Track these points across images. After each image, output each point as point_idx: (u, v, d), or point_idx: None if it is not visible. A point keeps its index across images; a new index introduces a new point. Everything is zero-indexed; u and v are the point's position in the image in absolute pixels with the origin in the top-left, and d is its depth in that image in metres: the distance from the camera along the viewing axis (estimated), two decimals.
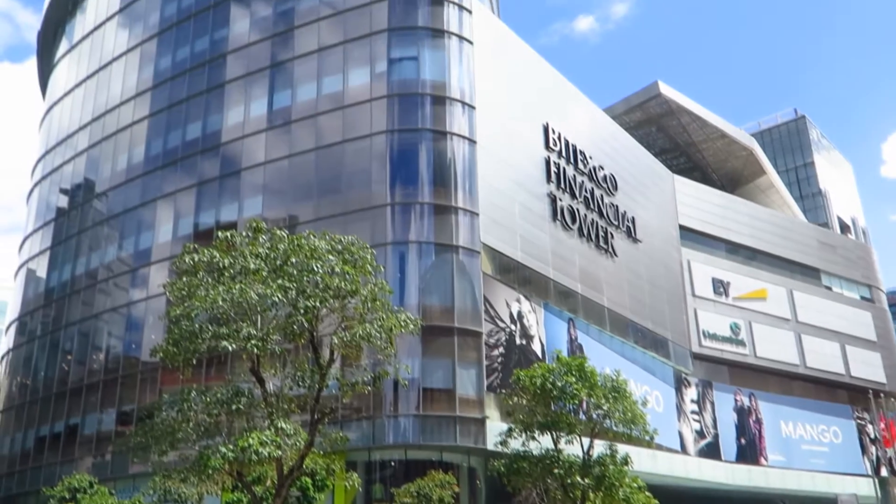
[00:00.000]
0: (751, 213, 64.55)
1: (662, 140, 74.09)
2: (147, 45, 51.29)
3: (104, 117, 51.82)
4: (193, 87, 46.87)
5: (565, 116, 48.92)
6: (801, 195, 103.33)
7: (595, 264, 47.08)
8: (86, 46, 56.63)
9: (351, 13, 42.74)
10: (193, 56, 47.90)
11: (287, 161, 41.36)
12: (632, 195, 52.83)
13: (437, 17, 41.74)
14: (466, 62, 41.57)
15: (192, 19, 49.04)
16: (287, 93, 43.22)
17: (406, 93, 40.01)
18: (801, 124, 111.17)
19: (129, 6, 53.80)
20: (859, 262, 70.84)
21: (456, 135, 39.42)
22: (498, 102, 42.84)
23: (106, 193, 49.62)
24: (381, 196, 37.97)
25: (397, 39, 41.49)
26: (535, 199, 43.59)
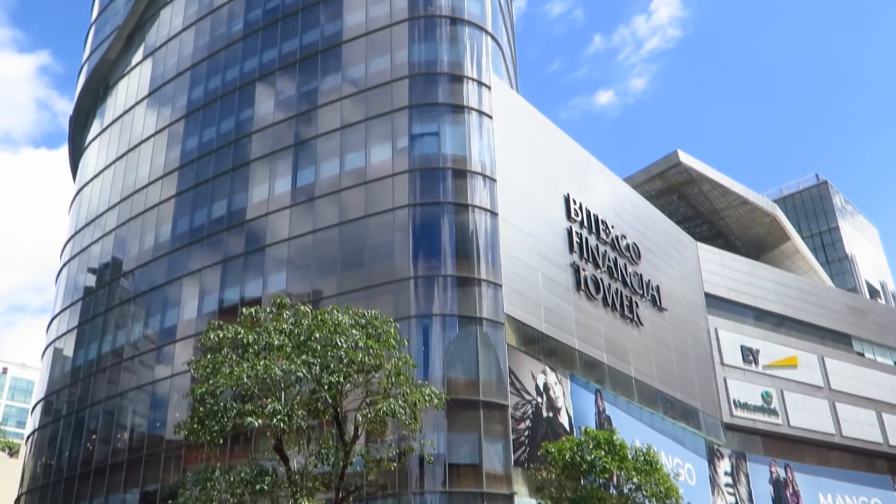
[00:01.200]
0: (777, 279, 63.89)
1: (684, 208, 74.12)
2: (175, 126, 52.65)
3: (132, 197, 52.91)
4: (219, 167, 47.85)
5: (586, 187, 49.21)
6: (828, 260, 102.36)
7: (621, 334, 46.59)
8: (115, 129, 58.26)
9: (373, 91, 43.74)
10: (220, 136, 49.06)
11: (311, 236, 41.79)
12: (656, 263, 52.60)
13: (456, 94, 42.59)
14: (487, 136, 42.18)
15: (219, 101, 50.39)
16: (311, 169, 43.96)
17: (428, 167, 40.55)
18: (823, 189, 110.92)
19: (158, 90, 55.48)
20: (891, 327, 69.51)
21: (478, 207, 39.72)
22: (519, 174, 43.25)
23: (133, 272, 50.25)
24: (404, 269, 38.11)
25: (418, 116, 42.30)
26: (559, 270, 43.51)
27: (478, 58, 44.39)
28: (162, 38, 57.51)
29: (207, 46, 53.33)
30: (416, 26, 44.96)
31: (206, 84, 52.01)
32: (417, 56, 44.02)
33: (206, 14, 54.74)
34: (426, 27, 44.90)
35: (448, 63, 43.61)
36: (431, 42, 44.42)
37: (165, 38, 57.19)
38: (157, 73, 56.55)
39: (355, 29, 46.46)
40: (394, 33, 45.09)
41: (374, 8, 46.59)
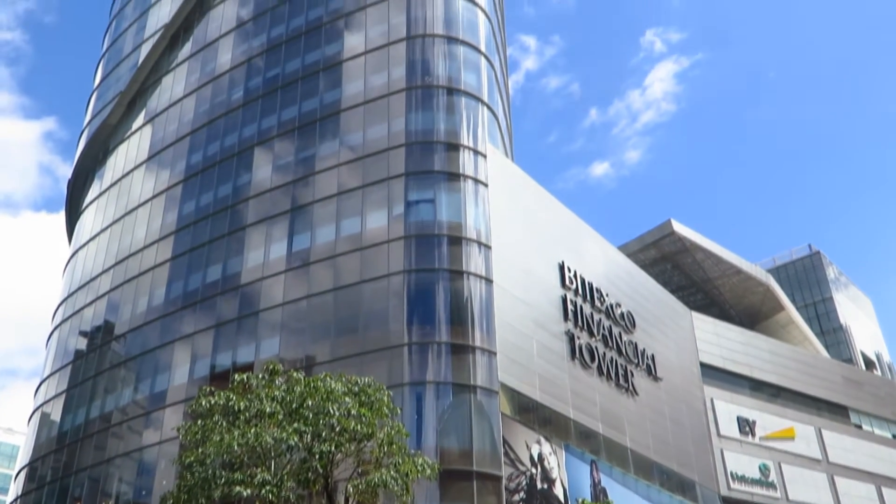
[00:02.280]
0: (772, 349, 63.68)
1: (679, 277, 74.32)
2: (172, 190, 52.98)
3: (127, 260, 52.88)
4: (216, 231, 47.98)
5: (580, 254, 49.40)
6: (822, 331, 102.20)
7: (616, 403, 46.14)
8: (113, 193, 58.60)
9: (370, 158, 44.23)
10: (217, 201, 49.34)
11: (305, 302, 41.67)
12: (650, 332, 52.45)
13: (452, 162, 43.09)
14: (482, 203, 42.51)
15: (217, 166, 50.85)
16: (307, 235, 44.11)
17: (423, 234, 40.73)
18: (816, 260, 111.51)
19: (158, 154, 56.03)
20: (888, 398, 69.03)
21: (472, 274, 39.76)
22: (513, 242, 43.44)
23: (124, 335, 49.88)
24: (398, 336, 37.91)
25: (414, 182, 42.68)
26: (554, 338, 43.34)
27: (474, 127, 45.07)
28: (163, 104, 58.36)
29: (208, 113, 54.09)
30: (413, 96, 45.76)
31: (205, 149, 52.57)
32: (414, 124, 44.67)
33: (207, 81, 55.69)
34: (423, 97, 45.70)
35: (445, 132, 44.25)
36: (428, 111, 45.15)
37: (167, 104, 58.03)
38: (156, 137, 57.22)
39: (354, 98, 47.26)
40: (391, 102, 45.85)
41: (372, 78, 47.48)
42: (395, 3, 49.74)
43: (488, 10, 52.28)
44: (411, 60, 47.06)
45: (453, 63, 47.11)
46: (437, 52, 47.40)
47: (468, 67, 47.36)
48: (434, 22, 48.46)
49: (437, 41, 47.77)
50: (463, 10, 49.86)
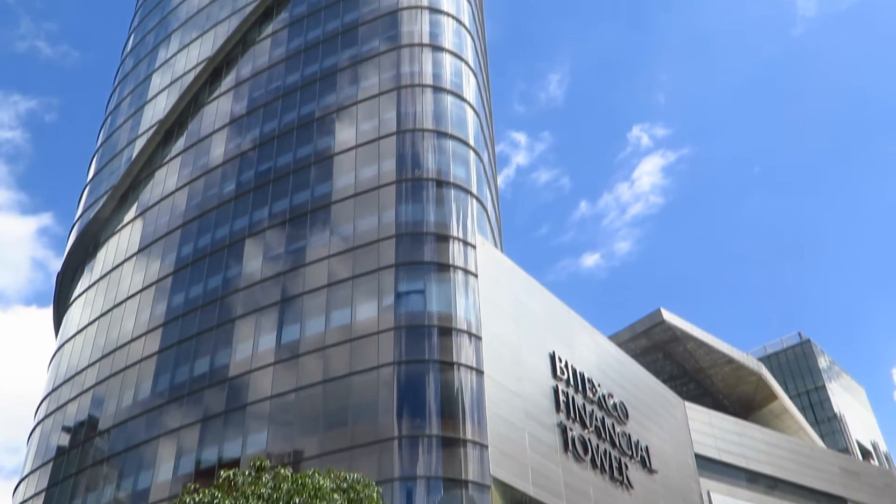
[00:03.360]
0: (767, 439, 62.86)
1: (671, 367, 73.96)
2: (162, 283, 52.92)
3: (114, 354, 52.31)
4: (204, 323, 47.70)
5: (572, 345, 49.22)
6: (817, 420, 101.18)
7: (611, 497, 45.10)
8: (102, 286, 58.46)
9: (360, 249, 44.49)
10: (206, 293, 49.25)
11: (294, 394, 41.10)
12: (644, 423, 51.78)
13: (442, 253, 43.38)
14: (472, 294, 42.58)
15: (208, 258, 50.98)
16: (296, 326, 43.89)
17: (413, 325, 40.61)
18: (807, 348, 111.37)
19: (148, 247, 56.20)
20: (886, 489, 67.81)
21: (463, 365, 39.46)
22: (504, 332, 43.32)
23: (108, 431, 48.84)
24: (388, 429, 37.28)
25: (405, 273, 42.83)
26: (546, 430, 42.69)
27: (463, 219, 45.59)
28: (155, 198, 58.92)
29: (199, 205, 54.59)
30: (403, 188, 46.43)
31: (196, 242, 52.80)
32: (404, 216, 45.16)
33: (199, 175, 56.44)
34: (413, 189, 46.37)
35: (434, 223, 44.71)
36: (418, 203, 45.73)
37: (159, 197, 58.61)
38: (147, 230, 57.52)
39: (344, 190, 47.90)
40: (382, 195, 46.47)
41: (363, 171, 48.27)
42: (386, 98, 51.05)
43: (476, 105, 53.70)
44: (401, 154, 47.97)
45: (442, 156, 48.05)
46: (427, 145, 48.38)
47: (457, 161, 48.27)
48: (424, 117, 49.65)
49: (426, 135, 48.83)
50: (452, 105, 51.18)
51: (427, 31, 54.74)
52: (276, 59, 58.92)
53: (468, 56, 55.73)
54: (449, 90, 51.80)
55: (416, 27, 54.81)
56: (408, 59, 52.89)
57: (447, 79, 52.53)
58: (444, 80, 52.30)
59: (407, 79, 51.70)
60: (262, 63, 59.63)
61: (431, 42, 54.10)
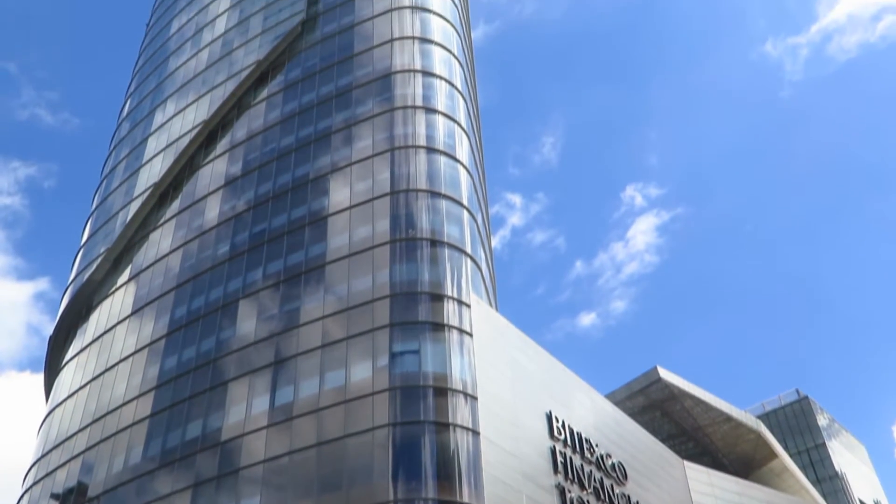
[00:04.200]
0: (770, 499, 61.91)
1: (668, 425, 73.23)
2: (155, 345, 52.53)
3: (105, 418, 51.58)
4: (197, 386, 47.21)
5: (568, 404, 48.77)
6: (818, 478, 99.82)
7: None
8: (94, 349, 57.98)
9: (354, 310, 44.34)
10: (199, 355, 48.87)
11: (287, 458, 40.45)
12: (643, 484, 50.99)
13: (437, 312, 43.26)
14: (467, 354, 42.34)
15: (201, 320, 50.73)
16: (290, 389, 43.44)
17: (408, 385, 40.24)
18: (805, 405, 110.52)
19: (141, 310, 55.94)
20: None
21: (459, 426, 38.99)
22: (500, 392, 42.94)
23: (98, 498, 47.82)
24: (383, 492, 36.61)
25: (399, 333, 42.62)
26: (544, 492, 41.99)
27: (458, 278, 45.62)
28: (149, 260, 58.91)
29: (193, 267, 54.56)
30: (397, 248, 46.55)
31: (190, 304, 52.60)
32: (399, 276, 45.17)
33: (194, 237, 56.56)
34: (407, 249, 46.49)
35: (429, 283, 44.71)
36: (412, 263, 45.81)
37: (153, 259, 58.61)
38: (141, 293, 57.34)
39: (339, 250, 47.98)
40: (376, 255, 46.55)
41: (357, 231, 48.44)
42: (380, 159, 51.58)
43: (469, 165, 54.27)
44: (395, 214, 48.24)
45: (436, 216, 48.32)
46: (421, 205, 48.70)
47: (451, 220, 48.54)
48: (417, 177, 50.09)
49: (420, 195, 49.20)
50: (445, 166, 51.71)
51: (420, 93, 55.64)
52: (272, 121, 59.69)
53: (461, 118, 56.55)
54: (442, 151, 52.40)
55: (409, 90, 55.72)
56: (401, 121, 53.63)
57: (440, 140, 53.19)
58: (438, 142, 52.95)
59: (401, 140, 52.33)
60: (257, 126, 60.37)
61: (425, 104, 54.93)
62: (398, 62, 57.66)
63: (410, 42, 59.27)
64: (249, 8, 72.11)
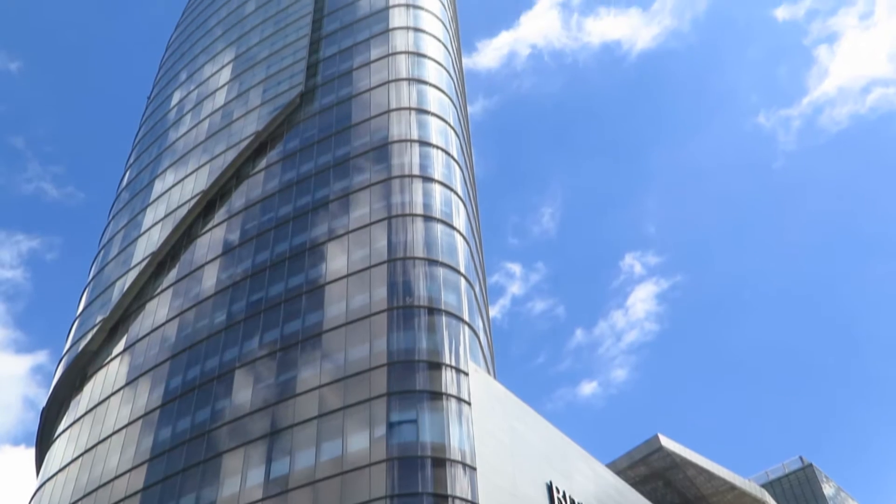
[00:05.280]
0: None
1: (671, 495, 71.83)
2: (149, 416, 51.82)
3: (96, 492, 50.49)
4: (191, 458, 46.38)
5: (570, 475, 47.91)
6: None
7: None
8: (87, 421, 57.16)
9: (351, 379, 43.90)
10: (194, 427, 48.16)
11: None
12: None
13: (435, 381, 42.83)
14: (465, 424, 41.77)
15: (197, 390, 50.17)
16: (286, 460, 42.69)
17: (406, 456, 39.56)
18: (809, 473, 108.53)
19: (135, 380, 55.39)
20: None
21: (458, 498, 38.20)
22: (499, 463, 42.20)
23: None
24: None
25: (397, 403, 42.11)
26: None
27: (455, 346, 45.33)
28: (145, 330, 58.59)
29: (189, 337, 54.23)
30: (394, 316, 46.37)
31: (185, 374, 52.12)
32: (396, 344, 44.87)
33: (190, 306, 56.38)
34: (405, 316, 46.31)
35: (426, 351, 44.40)
36: (410, 331, 45.57)
37: (149, 329, 58.29)
38: (136, 363, 56.86)
39: (336, 319, 47.78)
40: (373, 323, 46.35)
41: (354, 299, 48.34)
42: (377, 228, 51.83)
43: (466, 234, 54.53)
44: (392, 282, 48.21)
45: (433, 284, 48.30)
46: (418, 273, 48.72)
47: (448, 288, 48.51)
48: (415, 245, 50.26)
49: (417, 263, 49.27)
50: (442, 234, 51.94)
51: (417, 162, 56.29)
52: (270, 191, 60.20)
53: (457, 186, 57.09)
54: (439, 219, 52.72)
55: (406, 159, 56.38)
56: (399, 189, 54.10)
57: (437, 208, 53.57)
58: (435, 210, 53.32)
59: (398, 208, 52.69)
60: (255, 195, 60.85)
61: (421, 173, 55.51)
62: (395, 132, 58.51)
63: (407, 113, 60.25)
64: (249, 80, 73.55)
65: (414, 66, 65.05)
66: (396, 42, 67.34)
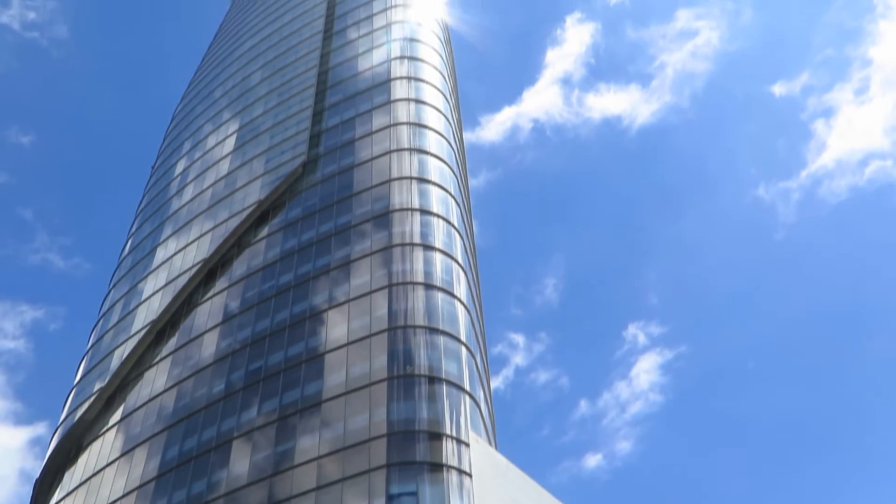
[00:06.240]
0: None
1: None
2: (144, 488, 50.72)
3: None
4: None
5: None
6: None
7: None
8: (80, 493, 55.93)
9: (350, 449, 43.15)
10: (190, 499, 47.06)
11: None
12: None
13: (435, 452, 42.09)
14: (467, 496, 40.86)
15: (193, 461, 49.27)
16: None
17: None
18: None
19: (131, 451, 54.42)
20: None
21: None
22: None
23: None
24: None
25: (396, 474, 41.30)
26: None
27: (456, 416, 44.71)
28: (143, 399, 57.90)
29: (187, 406, 53.54)
30: (394, 385, 45.87)
31: (182, 444, 51.25)
32: (396, 414, 44.27)
33: (189, 375, 55.84)
34: (405, 386, 45.82)
35: (427, 421, 43.77)
36: (410, 400, 45.03)
37: (146, 398, 57.62)
38: (132, 433, 55.99)
39: (335, 388, 47.27)
40: (373, 392, 45.82)
41: (354, 368, 47.92)
42: (378, 296, 51.73)
43: (467, 302, 54.40)
44: (393, 350, 47.87)
45: (434, 352, 47.94)
46: (419, 341, 48.42)
47: (449, 357, 48.13)
48: (415, 313, 50.08)
49: (418, 331, 49.01)
50: (443, 302, 51.81)
51: (418, 231, 56.56)
52: (271, 259, 60.34)
53: (458, 254, 57.23)
54: (440, 287, 52.66)
55: (407, 227, 56.67)
56: (399, 258, 54.21)
57: (438, 276, 53.58)
58: (435, 278, 53.32)
59: (399, 276, 52.70)
60: (256, 263, 60.97)
61: (422, 241, 55.71)
62: (397, 200, 58.96)
63: (409, 182, 60.85)
64: (253, 150, 74.57)
65: (415, 136, 66.01)
66: (398, 113, 68.48)
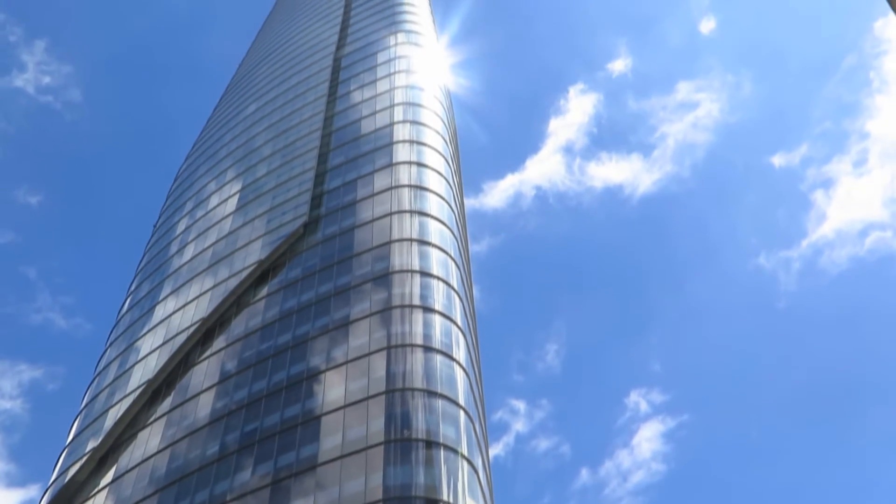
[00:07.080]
0: None
1: None
2: None
3: None
4: None
5: None
6: None
7: None
8: None
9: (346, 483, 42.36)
10: None
11: None
12: None
13: None
14: None
15: None
16: None
17: None
18: None
19: None
20: None
21: None
22: None
23: None
24: None
25: None
26: None
27: (454, 481, 43.96)
28: (135, 460, 56.97)
29: (181, 468, 52.65)
30: (391, 449, 45.22)
31: None
32: (393, 479, 43.55)
33: (183, 436, 55.06)
34: (402, 450, 45.17)
35: (424, 486, 43.01)
36: (407, 465, 44.32)
37: (139, 459, 56.70)
38: (122, 496, 54.91)
39: (331, 452, 46.58)
40: (369, 456, 45.13)
41: (351, 431, 47.30)
42: (376, 357, 51.39)
43: (466, 366, 54.01)
44: (390, 413, 47.32)
45: (432, 416, 47.38)
46: (417, 405, 47.91)
47: (447, 421, 47.56)
48: (413, 376, 49.67)
49: (416, 394, 48.53)
50: (441, 365, 51.44)
51: (417, 293, 56.49)
52: (270, 319, 60.12)
53: (457, 317, 57.04)
54: (439, 350, 52.35)
55: (406, 289, 56.62)
56: (398, 319, 54.01)
57: (437, 339, 53.30)
58: (434, 340, 53.04)
59: (397, 338, 52.43)
60: (255, 323, 60.73)
61: (422, 303, 55.60)
62: (397, 262, 59.07)
63: (409, 243, 61.06)
64: (254, 210, 75.05)
65: (416, 198, 66.51)
66: (400, 175, 69.16)
